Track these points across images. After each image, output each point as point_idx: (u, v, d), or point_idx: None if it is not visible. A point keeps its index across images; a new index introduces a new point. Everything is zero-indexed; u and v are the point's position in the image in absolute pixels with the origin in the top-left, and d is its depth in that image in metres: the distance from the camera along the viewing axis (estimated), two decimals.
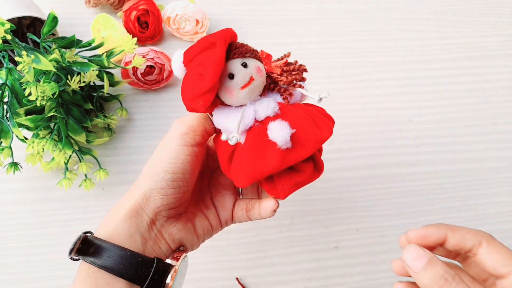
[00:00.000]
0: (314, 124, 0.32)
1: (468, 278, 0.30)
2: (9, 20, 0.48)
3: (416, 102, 0.60)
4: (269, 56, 0.34)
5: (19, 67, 0.41)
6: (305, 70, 0.33)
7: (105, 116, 0.51)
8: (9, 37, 0.42)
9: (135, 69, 0.54)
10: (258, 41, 0.62)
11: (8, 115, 0.45)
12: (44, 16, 0.52)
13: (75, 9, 0.61)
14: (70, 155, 0.46)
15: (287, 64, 0.34)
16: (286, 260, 0.49)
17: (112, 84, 0.52)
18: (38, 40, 0.46)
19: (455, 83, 0.62)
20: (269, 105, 0.31)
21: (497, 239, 0.33)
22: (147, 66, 0.54)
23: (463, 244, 0.31)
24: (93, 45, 0.48)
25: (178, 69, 0.32)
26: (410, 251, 0.28)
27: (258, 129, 0.31)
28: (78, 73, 0.46)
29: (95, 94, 0.51)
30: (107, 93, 0.53)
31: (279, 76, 0.32)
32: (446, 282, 0.27)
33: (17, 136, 0.45)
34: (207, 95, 0.29)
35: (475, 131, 0.59)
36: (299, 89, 0.33)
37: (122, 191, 0.51)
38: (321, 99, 0.32)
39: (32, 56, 0.41)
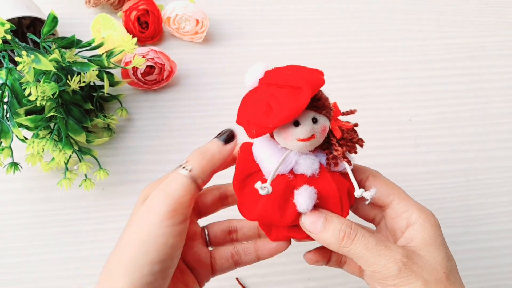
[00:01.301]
0: (339, 204, 0.30)
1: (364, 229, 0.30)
2: (9, 20, 0.48)
3: (416, 102, 0.60)
4: (337, 112, 0.32)
5: (19, 67, 0.41)
6: (362, 146, 0.31)
7: (105, 116, 0.51)
8: (9, 37, 0.42)
9: (135, 69, 0.54)
10: (258, 41, 0.62)
11: (8, 115, 0.45)
12: (44, 16, 0.52)
13: (75, 9, 0.61)
14: (70, 155, 0.46)
15: (351, 129, 0.31)
16: (286, 260, 0.49)
17: (112, 84, 0.52)
18: (38, 40, 0.46)
19: (455, 83, 0.62)
20: (313, 165, 0.30)
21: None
22: (147, 66, 0.54)
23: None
24: (93, 45, 0.48)
25: (252, 81, 0.30)
26: (307, 217, 0.30)
27: (288, 182, 0.30)
28: (78, 73, 0.46)
29: (95, 94, 0.51)
30: (107, 93, 0.53)
31: (336, 145, 0.30)
32: (345, 233, 0.29)
33: (17, 136, 0.45)
34: (265, 130, 0.28)
35: (475, 131, 0.59)
36: (346, 166, 0.30)
37: (122, 191, 0.51)
38: (361, 196, 0.30)
39: (32, 56, 0.41)
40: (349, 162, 0.30)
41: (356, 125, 0.32)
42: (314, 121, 0.29)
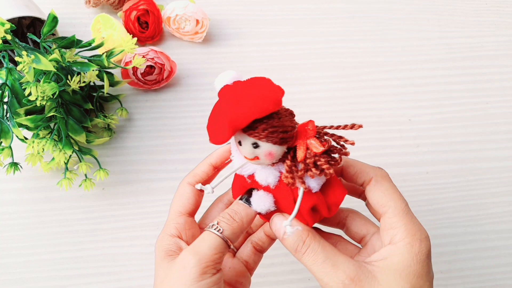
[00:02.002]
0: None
1: (322, 240, 0.30)
2: (9, 20, 0.48)
3: (416, 102, 0.60)
4: (311, 132, 0.29)
5: (19, 67, 0.41)
6: (328, 175, 0.28)
7: (105, 116, 0.51)
8: (9, 37, 0.42)
9: (135, 69, 0.54)
10: (258, 41, 0.62)
11: (8, 115, 0.45)
12: (44, 16, 0.52)
13: (75, 9, 0.61)
14: (70, 155, 0.46)
15: (320, 154, 0.28)
16: (286, 260, 0.49)
17: (112, 84, 0.52)
18: (38, 40, 0.46)
19: (455, 83, 0.62)
20: (268, 178, 0.30)
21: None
22: (147, 66, 0.54)
23: (356, 179, 0.33)
24: (93, 45, 0.48)
25: (219, 86, 0.30)
26: (275, 219, 0.31)
27: (244, 185, 0.32)
28: (78, 73, 0.46)
29: (95, 94, 0.51)
30: (107, 93, 0.53)
31: (287, 169, 0.28)
32: (297, 246, 0.30)
33: (17, 136, 0.45)
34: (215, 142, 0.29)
35: (475, 131, 0.59)
36: (300, 190, 0.29)
37: (122, 191, 0.51)
38: (285, 227, 0.29)
39: (32, 56, 0.41)
40: (305, 187, 0.29)
41: (345, 153, 0.29)
42: (255, 146, 0.28)
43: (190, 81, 0.58)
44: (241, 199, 0.32)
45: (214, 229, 0.30)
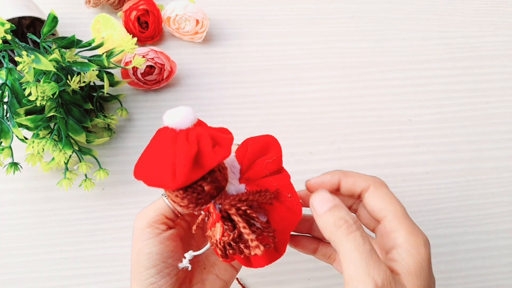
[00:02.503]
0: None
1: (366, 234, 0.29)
2: (9, 20, 0.48)
3: (416, 102, 0.60)
4: (218, 215, 0.28)
5: (19, 67, 0.41)
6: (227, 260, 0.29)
7: (105, 116, 0.51)
8: (9, 37, 0.42)
9: (135, 69, 0.54)
10: (258, 41, 0.62)
11: (8, 115, 0.45)
12: (44, 16, 0.52)
13: (75, 9, 0.61)
14: (70, 155, 0.46)
15: (232, 239, 0.27)
16: (286, 260, 0.49)
17: (112, 84, 0.52)
18: (38, 40, 0.46)
19: (455, 83, 0.62)
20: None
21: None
22: (147, 66, 0.54)
23: (354, 188, 0.32)
24: (93, 45, 0.48)
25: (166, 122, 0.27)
26: (318, 194, 0.29)
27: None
28: (78, 73, 0.46)
29: (95, 94, 0.51)
30: (107, 93, 0.53)
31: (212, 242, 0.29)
32: (346, 224, 0.27)
33: (17, 136, 0.45)
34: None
35: (475, 131, 0.59)
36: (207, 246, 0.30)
37: (122, 191, 0.51)
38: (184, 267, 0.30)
39: (32, 56, 0.41)
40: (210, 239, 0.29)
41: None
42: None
43: (190, 81, 0.58)
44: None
45: (164, 196, 0.33)
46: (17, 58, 0.41)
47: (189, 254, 0.30)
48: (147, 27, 0.58)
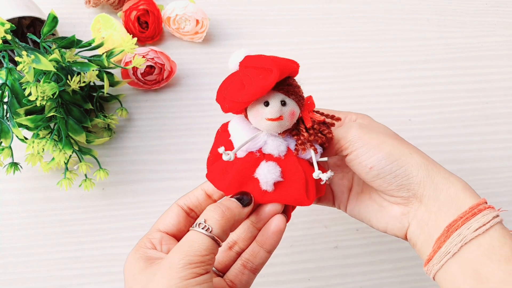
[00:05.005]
0: (304, 187, 0.32)
1: None
2: (9, 20, 0.48)
3: (416, 102, 0.60)
4: (312, 105, 0.34)
5: (19, 67, 0.41)
6: (331, 139, 0.33)
7: (105, 116, 0.51)
8: (9, 37, 0.43)
9: (135, 69, 0.54)
10: (258, 41, 0.62)
11: (8, 115, 0.45)
12: (44, 16, 0.52)
13: (75, 9, 0.61)
14: (70, 155, 0.46)
15: (322, 122, 0.33)
16: (286, 260, 0.49)
17: (112, 84, 0.52)
18: (38, 40, 0.46)
19: (455, 83, 0.62)
20: (280, 146, 0.32)
21: None
22: (147, 66, 0.54)
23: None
24: (93, 45, 0.48)
25: (233, 65, 0.33)
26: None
27: (255, 159, 0.32)
28: (78, 73, 0.46)
29: (95, 94, 0.51)
30: (107, 93, 0.53)
31: (303, 130, 0.32)
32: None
33: (17, 136, 0.45)
34: (236, 106, 0.31)
35: (475, 131, 0.59)
36: (312, 152, 0.33)
37: (122, 191, 0.51)
38: (318, 178, 0.33)
39: (32, 56, 0.41)
40: (315, 149, 0.33)
41: (331, 124, 0.34)
42: (283, 103, 0.31)
43: (190, 81, 0.58)
44: (233, 197, 0.32)
45: (202, 228, 0.28)
46: (17, 58, 0.41)
47: (330, 171, 0.32)
48: (147, 27, 0.58)
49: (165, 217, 0.33)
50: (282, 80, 0.31)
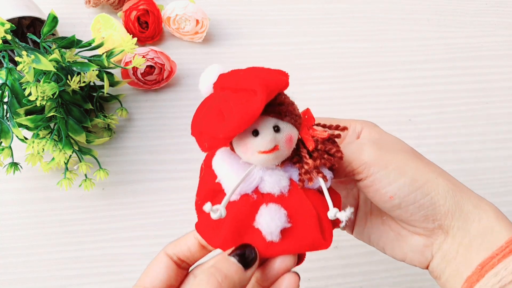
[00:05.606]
0: (317, 226, 0.26)
1: None
2: (9, 20, 0.48)
3: (416, 102, 0.60)
4: (311, 120, 0.28)
5: (19, 67, 0.41)
6: (341, 159, 0.27)
7: (105, 116, 0.51)
8: (9, 37, 0.43)
9: (135, 69, 0.54)
10: (258, 41, 0.62)
11: (8, 115, 0.45)
12: (44, 16, 0.52)
13: (75, 9, 0.61)
14: (70, 155, 0.46)
15: (326, 139, 0.27)
16: None
17: (112, 84, 0.52)
18: (38, 40, 0.46)
19: (455, 83, 0.62)
20: (280, 181, 0.26)
21: None
22: (147, 66, 0.54)
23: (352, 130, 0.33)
24: (93, 45, 0.48)
25: (206, 87, 0.26)
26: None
27: (252, 203, 0.26)
28: (78, 73, 0.46)
29: (95, 94, 0.51)
30: (107, 93, 0.53)
31: (306, 157, 0.26)
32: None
33: (17, 136, 0.45)
34: (217, 143, 0.25)
35: (475, 131, 0.59)
36: (321, 181, 0.26)
37: (122, 191, 0.51)
38: (335, 217, 0.26)
39: (32, 56, 0.41)
40: (324, 177, 0.26)
41: (337, 136, 0.28)
42: (276, 129, 0.25)
43: (190, 81, 0.58)
44: (232, 254, 0.25)
45: None
46: (17, 58, 0.41)
47: (349, 209, 0.25)
48: (147, 27, 0.58)
49: (152, 270, 0.27)
50: (271, 99, 0.24)
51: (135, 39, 0.48)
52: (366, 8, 0.67)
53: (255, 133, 0.24)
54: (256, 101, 0.23)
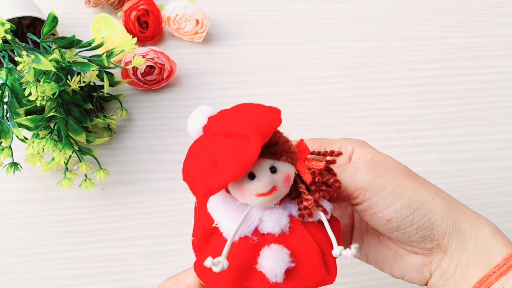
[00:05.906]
0: (321, 263, 0.25)
1: None
2: (9, 20, 0.48)
3: (416, 102, 0.60)
4: (305, 151, 0.27)
5: (19, 67, 0.41)
6: (339, 188, 0.26)
7: (105, 116, 0.51)
8: (9, 37, 0.43)
9: (135, 69, 0.54)
10: (258, 41, 0.62)
11: (8, 115, 0.45)
12: (44, 16, 0.52)
13: (75, 9, 0.61)
14: (70, 155, 0.46)
15: (324, 169, 0.26)
16: None
17: (112, 84, 0.52)
18: (38, 40, 0.46)
19: (455, 83, 0.62)
20: (281, 220, 0.25)
21: None
22: (147, 66, 0.54)
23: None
24: (93, 45, 0.48)
25: (195, 130, 0.25)
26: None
27: (252, 246, 0.25)
28: (78, 73, 0.46)
29: (95, 94, 0.51)
30: (107, 93, 0.53)
31: (305, 193, 0.25)
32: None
33: (17, 136, 0.45)
34: (212, 191, 0.24)
35: (475, 131, 0.59)
36: (322, 215, 0.26)
37: (122, 191, 0.51)
38: (340, 255, 0.25)
39: (32, 56, 0.41)
40: (324, 211, 0.25)
41: (332, 161, 0.27)
42: (273, 170, 0.24)
43: (190, 81, 0.58)
44: None
45: None
46: (17, 58, 0.41)
47: (354, 247, 0.25)
48: (147, 27, 0.58)
49: None
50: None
51: (135, 39, 0.48)
52: (366, 8, 0.67)
53: (251, 176, 0.24)
54: (251, 148, 0.22)
